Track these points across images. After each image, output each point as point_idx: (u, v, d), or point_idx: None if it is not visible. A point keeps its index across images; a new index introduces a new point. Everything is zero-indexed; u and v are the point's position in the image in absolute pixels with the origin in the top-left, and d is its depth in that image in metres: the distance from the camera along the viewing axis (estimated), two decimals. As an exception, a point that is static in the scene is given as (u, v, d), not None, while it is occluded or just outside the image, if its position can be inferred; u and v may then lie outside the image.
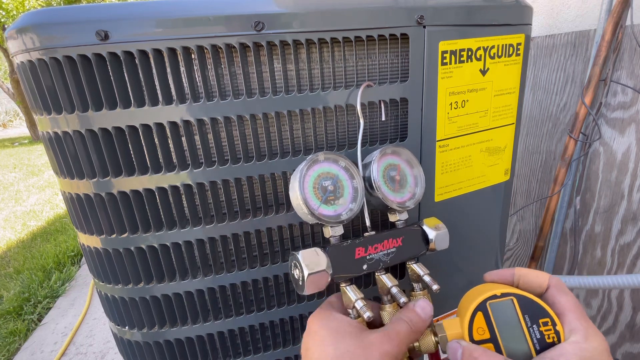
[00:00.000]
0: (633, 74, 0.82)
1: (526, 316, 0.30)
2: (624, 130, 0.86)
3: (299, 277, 0.33)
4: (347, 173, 0.37)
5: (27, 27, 0.34)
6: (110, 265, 0.42)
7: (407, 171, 0.40)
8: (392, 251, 0.38)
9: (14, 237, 2.48)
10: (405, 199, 0.39)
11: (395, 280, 0.36)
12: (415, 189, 0.40)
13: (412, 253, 0.39)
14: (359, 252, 0.36)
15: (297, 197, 0.34)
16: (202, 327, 0.45)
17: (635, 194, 0.86)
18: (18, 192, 3.64)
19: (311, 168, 0.36)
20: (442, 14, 0.41)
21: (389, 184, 0.38)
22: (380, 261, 0.37)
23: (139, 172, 0.38)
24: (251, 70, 0.38)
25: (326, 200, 0.36)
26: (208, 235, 0.41)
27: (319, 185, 0.36)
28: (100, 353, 1.28)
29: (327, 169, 0.36)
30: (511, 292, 0.31)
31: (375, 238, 0.37)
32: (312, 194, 0.35)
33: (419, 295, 0.38)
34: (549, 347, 0.28)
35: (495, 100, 0.48)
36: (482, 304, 0.31)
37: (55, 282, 1.76)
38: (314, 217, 0.34)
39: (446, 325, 0.33)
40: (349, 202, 0.37)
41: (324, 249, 0.35)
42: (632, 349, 0.93)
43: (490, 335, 0.30)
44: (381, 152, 0.39)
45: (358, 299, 0.34)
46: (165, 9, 0.35)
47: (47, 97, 0.36)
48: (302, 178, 0.35)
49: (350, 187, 0.37)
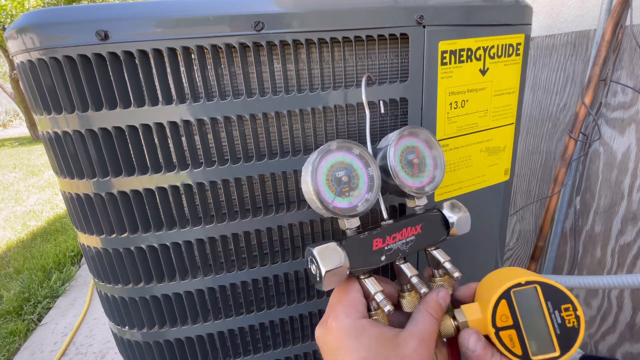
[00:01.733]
0: (633, 74, 0.82)
1: (549, 302, 0.31)
2: (624, 130, 0.86)
3: (317, 273, 0.32)
4: (361, 161, 0.35)
5: (27, 27, 0.34)
6: (110, 265, 0.42)
7: (426, 153, 0.38)
8: (411, 239, 0.36)
9: (14, 237, 2.48)
10: (424, 184, 0.37)
11: (415, 270, 0.35)
12: (435, 171, 0.38)
13: (432, 240, 0.37)
14: (377, 244, 0.34)
15: (310, 192, 0.32)
16: (202, 327, 0.45)
17: (635, 194, 0.86)
18: (18, 192, 3.64)
19: (324, 159, 0.33)
20: (442, 14, 0.41)
21: (407, 169, 0.36)
22: (399, 251, 0.35)
23: (139, 172, 0.38)
24: (251, 70, 0.38)
25: (340, 193, 0.34)
26: (208, 235, 0.41)
27: (332, 176, 0.34)
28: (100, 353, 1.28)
29: (340, 159, 0.34)
30: (535, 280, 0.31)
31: (393, 227, 0.35)
32: (325, 186, 0.33)
33: (439, 282, 0.36)
34: (570, 331, 0.30)
35: (495, 100, 0.48)
36: (506, 292, 0.31)
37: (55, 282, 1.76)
38: (329, 211, 0.33)
39: (466, 311, 0.33)
40: (364, 193, 0.35)
41: (340, 243, 0.33)
42: (632, 349, 0.93)
43: (513, 322, 0.31)
44: (399, 134, 0.36)
45: (377, 291, 0.33)
46: (165, 9, 0.35)
47: (47, 97, 0.36)
48: (314, 171, 0.33)
49: (366, 176, 0.35)
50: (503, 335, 0.31)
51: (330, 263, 0.31)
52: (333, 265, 0.31)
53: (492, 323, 0.31)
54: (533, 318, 0.31)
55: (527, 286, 0.31)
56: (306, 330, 0.50)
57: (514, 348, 0.30)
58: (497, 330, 0.31)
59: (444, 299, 0.33)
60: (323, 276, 0.31)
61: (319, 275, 0.31)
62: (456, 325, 0.33)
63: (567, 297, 0.31)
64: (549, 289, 0.31)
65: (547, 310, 0.31)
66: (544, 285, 0.31)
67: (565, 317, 0.30)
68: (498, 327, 0.31)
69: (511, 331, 0.30)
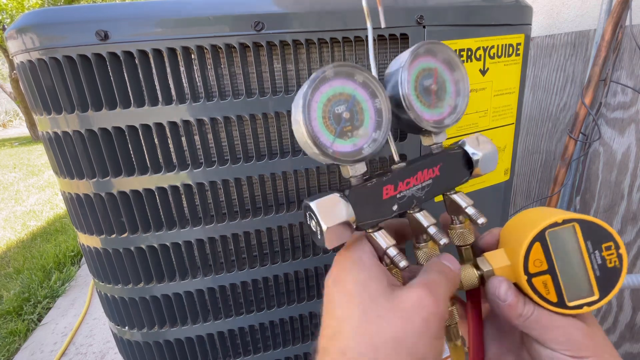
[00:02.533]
0: (633, 74, 0.82)
1: (588, 242, 0.27)
2: (624, 130, 0.86)
3: (317, 230, 0.27)
4: (366, 91, 0.28)
5: (27, 27, 0.34)
6: (110, 265, 0.42)
7: (446, 76, 0.31)
8: (427, 184, 0.30)
9: (14, 237, 2.48)
10: (444, 115, 0.31)
11: (432, 218, 0.30)
12: (457, 99, 0.31)
13: (452, 182, 0.32)
14: (387, 191, 0.29)
15: (304, 134, 0.26)
16: (202, 327, 0.45)
17: (635, 194, 0.86)
18: (18, 192, 3.64)
19: (318, 90, 0.26)
20: (441, 14, 0.41)
21: (423, 99, 0.30)
22: (414, 197, 0.30)
23: (139, 172, 0.38)
24: (251, 70, 0.38)
25: (341, 133, 0.27)
26: (208, 235, 0.41)
27: (331, 113, 0.27)
28: (100, 353, 1.28)
29: (339, 89, 0.27)
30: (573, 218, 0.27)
31: (407, 171, 0.29)
32: (322, 126, 0.26)
33: (459, 229, 0.32)
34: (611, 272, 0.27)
35: (495, 100, 0.48)
36: (540, 234, 0.27)
37: (55, 282, 1.76)
38: (328, 157, 0.27)
39: (490, 259, 0.29)
40: (371, 131, 0.28)
41: (344, 194, 0.27)
42: (632, 349, 0.93)
43: (548, 267, 0.27)
44: (412, 53, 0.29)
45: (390, 246, 0.28)
46: (165, 9, 0.35)
47: (47, 97, 0.36)
48: (306, 106, 0.26)
49: (372, 109, 0.28)
50: (536, 282, 0.27)
51: (332, 218, 0.26)
52: (336, 221, 0.26)
53: (525, 269, 0.27)
54: (571, 261, 0.27)
55: (565, 225, 0.27)
56: (306, 330, 0.50)
57: (549, 295, 0.27)
58: (529, 276, 0.27)
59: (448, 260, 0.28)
60: (324, 233, 0.26)
61: (320, 232, 0.26)
62: (480, 275, 0.29)
63: (610, 234, 0.27)
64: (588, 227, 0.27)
65: (586, 251, 0.27)
66: (583, 222, 0.27)
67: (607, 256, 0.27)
68: (531, 274, 0.27)
69: (546, 277, 0.27)
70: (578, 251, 0.27)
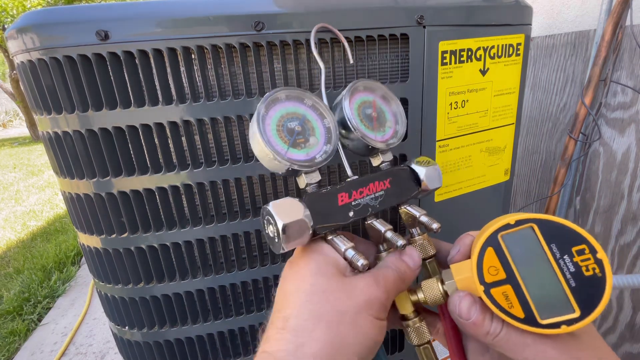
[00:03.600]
0: (633, 74, 0.82)
1: (553, 245, 0.23)
2: (624, 130, 0.86)
3: (274, 233, 0.27)
4: (315, 112, 0.33)
5: (27, 27, 0.34)
6: (110, 265, 0.42)
7: (384, 108, 0.36)
8: (380, 194, 0.33)
9: (14, 237, 2.48)
10: (387, 137, 0.35)
11: (388, 225, 0.31)
12: (397, 126, 0.36)
13: (403, 195, 0.34)
14: (342, 198, 0.31)
15: (260, 143, 0.29)
16: (202, 327, 0.45)
17: (635, 194, 0.86)
18: (18, 192, 3.64)
19: (271, 108, 0.30)
20: (442, 14, 0.41)
21: (366, 123, 0.34)
22: (369, 206, 0.32)
23: (139, 172, 0.38)
24: (251, 70, 0.38)
25: (294, 143, 0.30)
26: (208, 235, 0.41)
27: (284, 127, 0.31)
28: (100, 353, 1.28)
29: (291, 109, 0.31)
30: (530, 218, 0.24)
31: (359, 182, 0.32)
32: (276, 137, 0.30)
33: (419, 241, 0.33)
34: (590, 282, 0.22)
35: (495, 100, 0.48)
36: (492, 237, 0.24)
37: (55, 282, 1.76)
38: (284, 162, 0.29)
39: (455, 271, 0.27)
40: (322, 144, 0.32)
41: (300, 199, 0.30)
42: (632, 349, 0.93)
43: (506, 275, 0.24)
44: (351, 88, 0.34)
45: (348, 248, 0.29)
46: (165, 9, 0.35)
47: (47, 97, 0.36)
48: (260, 121, 0.29)
49: (322, 127, 0.32)
50: (496, 293, 0.24)
51: (288, 216, 0.27)
52: (292, 218, 0.27)
53: (480, 279, 0.24)
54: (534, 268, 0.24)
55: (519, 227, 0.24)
56: (306, 330, 0.49)
57: (513, 309, 0.23)
58: (486, 287, 0.24)
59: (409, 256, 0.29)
60: (281, 232, 0.26)
61: (276, 233, 0.27)
62: (444, 290, 0.28)
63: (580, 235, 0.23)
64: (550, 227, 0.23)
65: (551, 255, 0.23)
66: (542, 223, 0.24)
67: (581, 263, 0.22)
68: (488, 283, 0.24)
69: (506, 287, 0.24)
70: (542, 257, 0.24)
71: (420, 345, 0.31)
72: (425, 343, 0.31)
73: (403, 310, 0.30)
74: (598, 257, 0.22)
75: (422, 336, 0.30)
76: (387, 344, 0.54)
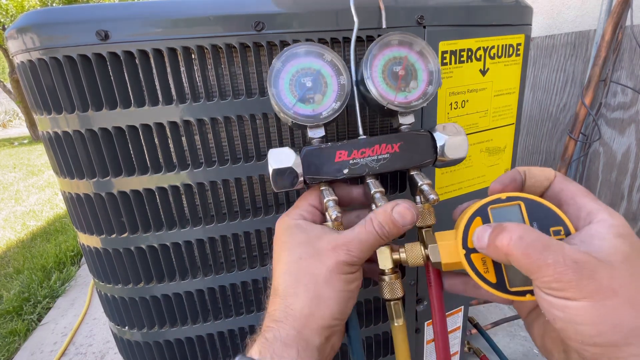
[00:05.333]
0: (633, 74, 0.82)
1: (534, 223, 0.25)
2: (624, 130, 0.86)
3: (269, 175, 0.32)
4: (332, 68, 0.33)
5: (27, 27, 0.34)
6: (110, 265, 0.42)
7: (418, 65, 0.34)
8: (384, 157, 0.33)
9: (14, 237, 2.48)
10: (410, 99, 0.33)
11: (380, 187, 0.32)
12: (428, 87, 0.34)
13: (412, 161, 0.34)
14: (340, 155, 0.32)
15: (272, 95, 0.32)
16: (202, 327, 0.45)
17: (635, 194, 0.86)
18: (18, 192, 3.64)
19: (288, 63, 0.32)
20: (442, 14, 0.41)
21: (389, 81, 0.33)
22: (367, 167, 0.33)
23: (139, 172, 0.38)
24: (251, 70, 0.38)
25: (304, 99, 0.32)
26: (208, 235, 0.41)
27: (296, 81, 0.32)
28: (100, 353, 1.28)
29: (307, 64, 0.32)
30: (518, 196, 0.26)
31: (364, 142, 0.33)
32: (287, 91, 0.32)
33: (419, 208, 0.33)
34: None
35: (495, 100, 0.48)
36: (482, 208, 0.26)
37: (55, 282, 1.76)
38: (289, 116, 0.32)
39: (439, 236, 0.29)
40: (332, 101, 0.33)
41: (299, 151, 0.32)
42: (632, 349, 0.93)
43: None
44: (380, 42, 0.33)
45: (329, 199, 0.31)
46: (165, 9, 0.35)
47: (47, 97, 0.36)
48: (276, 74, 0.32)
49: (336, 84, 0.33)
50: (475, 259, 0.26)
51: (278, 162, 0.31)
52: (281, 165, 0.31)
53: (463, 243, 0.26)
54: None
55: (509, 202, 0.26)
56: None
57: (487, 274, 0.26)
58: (468, 251, 0.26)
59: (399, 214, 0.29)
60: (270, 174, 0.31)
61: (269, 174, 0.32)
62: (426, 254, 0.30)
63: (559, 217, 0.25)
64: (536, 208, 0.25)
65: None
66: (529, 201, 0.26)
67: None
68: (470, 249, 0.26)
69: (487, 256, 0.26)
70: None
71: (391, 300, 0.33)
72: (396, 299, 0.32)
73: (382, 265, 0.32)
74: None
75: (394, 292, 0.32)
76: (388, 344, 0.54)
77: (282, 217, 0.33)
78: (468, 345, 0.91)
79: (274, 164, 0.31)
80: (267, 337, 0.27)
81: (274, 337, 0.27)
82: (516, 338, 1.09)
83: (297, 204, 0.34)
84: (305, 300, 0.28)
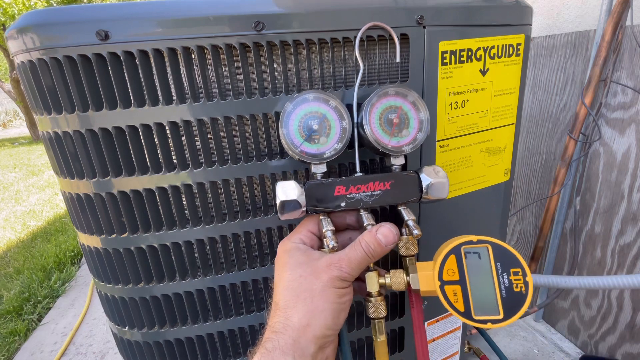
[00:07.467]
0: (633, 74, 0.82)
1: (498, 264, 0.31)
2: (624, 130, 0.86)
3: (276, 205, 0.36)
4: (336, 113, 0.37)
5: (27, 27, 0.34)
6: (110, 265, 0.42)
7: (411, 114, 0.38)
8: (377, 193, 0.37)
9: (14, 237, 2.48)
10: (402, 143, 0.38)
11: (372, 220, 0.36)
12: (418, 134, 0.38)
13: (402, 198, 0.38)
14: (339, 190, 0.37)
15: (282, 135, 0.36)
16: (202, 327, 0.45)
17: (635, 194, 0.86)
18: (18, 192, 3.64)
19: (298, 107, 0.36)
20: (442, 14, 0.41)
21: (385, 127, 0.37)
22: (362, 201, 0.37)
23: (139, 172, 0.38)
24: (251, 70, 0.38)
25: (310, 139, 0.36)
26: (208, 235, 0.41)
27: (304, 123, 0.36)
28: (100, 353, 1.28)
29: (315, 108, 0.37)
30: (487, 240, 0.32)
31: (360, 179, 0.37)
32: (296, 132, 0.36)
33: (404, 239, 0.37)
34: (516, 296, 0.30)
35: (495, 100, 0.48)
36: (456, 248, 0.32)
37: (55, 282, 1.76)
38: (296, 154, 0.36)
39: (419, 266, 0.34)
40: (334, 142, 0.37)
41: (303, 184, 0.36)
42: (632, 349, 0.93)
43: (459, 277, 0.31)
44: (380, 92, 0.37)
45: (327, 230, 0.36)
46: (165, 9, 0.35)
47: (47, 97, 0.36)
48: (287, 115, 0.36)
49: (338, 127, 0.37)
50: (447, 290, 0.31)
51: (285, 195, 0.35)
52: (286, 198, 0.35)
53: (439, 276, 0.32)
54: (480, 277, 0.31)
55: (479, 245, 0.32)
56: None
57: (457, 304, 0.31)
58: (442, 283, 0.31)
59: (383, 235, 0.33)
60: (278, 205, 0.35)
61: (275, 205, 0.36)
62: (407, 281, 0.35)
63: (519, 261, 0.31)
64: (500, 251, 0.31)
65: (495, 271, 0.31)
66: (496, 246, 0.31)
67: (514, 280, 0.30)
68: (444, 281, 0.31)
69: (456, 287, 0.31)
70: (488, 270, 0.31)
71: (375, 319, 0.37)
72: (380, 318, 0.37)
73: (370, 288, 0.36)
74: (526, 280, 0.30)
75: (378, 312, 0.36)
76: (388, 344, 0.54)
77: (284, 240, 0.37)
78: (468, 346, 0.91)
79: (281, 197, 0.35)
80: (267, 347, 0.30)
81: (272, 347, 0.30)
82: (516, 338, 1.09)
83: (298, 230, 0.38)
84: (303, 312, 0.31)
